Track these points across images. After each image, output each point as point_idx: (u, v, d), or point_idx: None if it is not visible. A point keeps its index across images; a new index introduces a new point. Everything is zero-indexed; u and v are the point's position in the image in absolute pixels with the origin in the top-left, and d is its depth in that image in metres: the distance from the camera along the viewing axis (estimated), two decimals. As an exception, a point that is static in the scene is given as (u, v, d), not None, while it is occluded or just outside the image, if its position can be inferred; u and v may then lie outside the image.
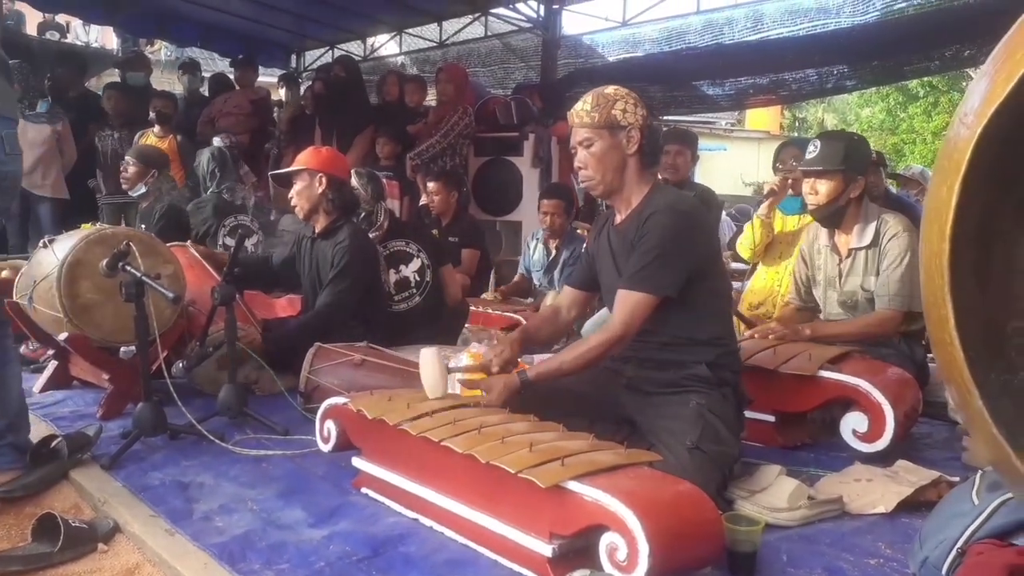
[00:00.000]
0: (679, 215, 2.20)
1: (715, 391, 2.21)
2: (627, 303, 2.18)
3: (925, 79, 14.26)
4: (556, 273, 4.84)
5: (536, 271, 5.04)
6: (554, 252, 4.88)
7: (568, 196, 4.93)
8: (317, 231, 3.51)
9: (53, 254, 2.85)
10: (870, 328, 2.91)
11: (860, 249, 2.97)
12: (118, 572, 1.87)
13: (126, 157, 4.68)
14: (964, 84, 14.29)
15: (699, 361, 2.23)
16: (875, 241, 2.93)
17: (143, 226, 4.38)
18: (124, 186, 4.69)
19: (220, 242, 4.87)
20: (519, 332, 2.50)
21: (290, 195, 3.51)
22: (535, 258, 5.05)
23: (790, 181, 3.68)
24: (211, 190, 5.22)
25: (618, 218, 2.38)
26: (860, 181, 2.94)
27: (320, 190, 3.41)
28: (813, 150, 2.98)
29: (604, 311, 2.72)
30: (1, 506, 2.17)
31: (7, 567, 1.83)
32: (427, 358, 2.21)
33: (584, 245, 2.65)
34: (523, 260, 5.26)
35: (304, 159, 3.50)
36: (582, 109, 2.27)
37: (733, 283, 4.04)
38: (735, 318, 3.18)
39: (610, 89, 2.30)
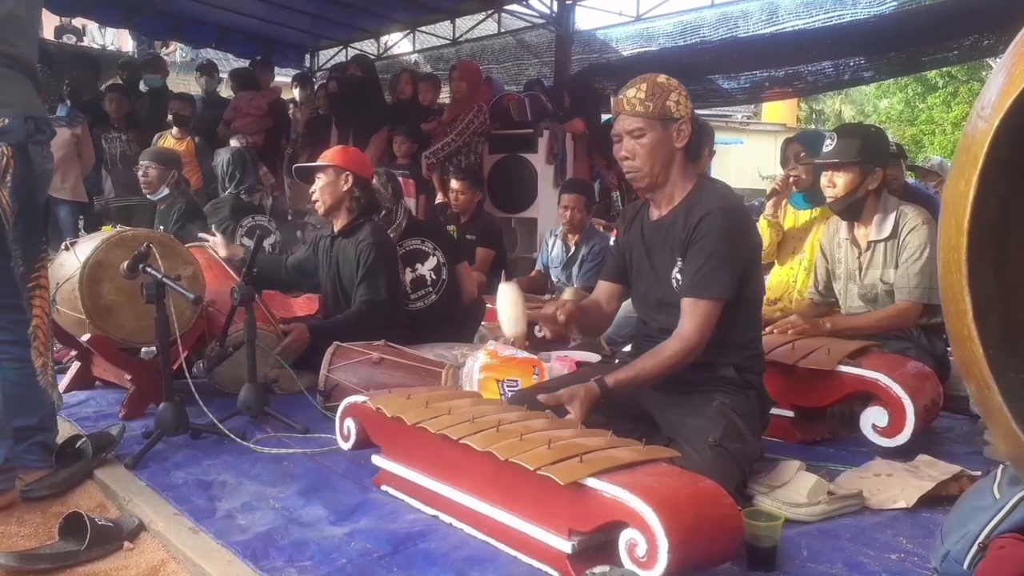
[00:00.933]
0: (734, 215, 2.18)
1: (739, 392, 2.20)
2: (697, 311, 2.13)
3: (944, 69, 14.09)
4: (575, 269, 4.84)
5: (554, 267, 5.04)
6: (573, 248, 4.88)
7: (588, 191, 4.94)
8: (337, 229, 3.54)
9: (75, 256, 2.89)
10: (889, 321, 2.89)
11: (879, 242, 2.96)
12: (144, 570, 1.89)
13: (142, 161, 4.68)
14: (984, 74, 14.13)
15: (727, 363, 2.21)
16: (894, 233, 2.92)
17: (161, 227, 4.42)
18: (145, 191, 4.67)
19: (238, 242, 4.91)
20: (578, 304, 2.38)
21: (312, 190, 3.52)
22: (553, 254, 5.05)
23: (792, 179, 3.67)
24: (229, 191, 5.26)
25: (655, 212, 2.34)
26: (878, 173, 2.93)
27: (345, 188, 3.45)
28: (830, 143, 2.99)
29: (621, 310, 2.69)
30: (28, 505, 2.21)
31: (36, 565, 1.87)
32: (507, 293, 2.08)
33: (612, 238, 2.62)
34: (541, 256, 5.26)
35: (331, 156, 3.53)
36: (635, 97, 2.18)
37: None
38: None
39: (662, 78, 2.22)
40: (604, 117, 7.39)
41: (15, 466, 2.20)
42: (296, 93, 7.76)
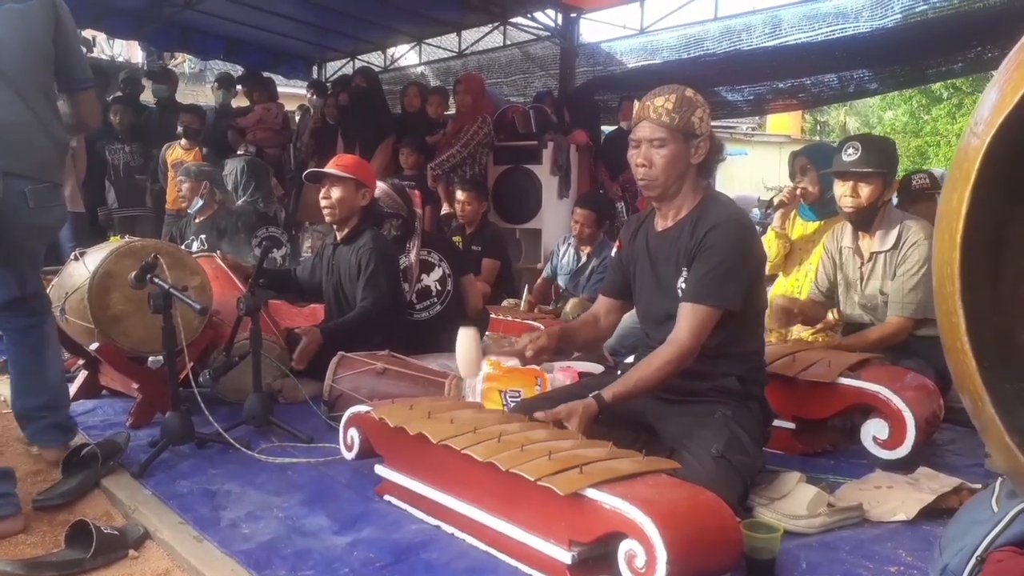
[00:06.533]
0: (742, 228, 2.19)
1: (742, 404, 2.22)
2: (695, 317, 2.14)
3: (948, 81, 14.09)
4: (583, 279, 4.84)
5: (563, 274, 5.04)
6: (584, 258, 4.89)
7: (601, 208, 4.91)
8: (340, 238, 3.58)
9: (84, 266, 2.92)
10: (883, 341, 2.93)
11: (881, 253, 2.99)
12: (148, 578, 1.91)
13: (178, 177, 5.03)
14: (988, 86, 14.08)
15: (730, 374, 2.23)
16: (896, 245, 2.95)
17: (203, 236, 4.53)
18: (183, 204, 5.07)
19: (252, 252, 4.95)
20: (559, 328, 2.45)
21: (327, 196, 3.52)
22: (564, 261, 5.05)
23: (800, 191, 3.68)
24: (244, 199, 5.30)
25: (661, 223, 2.35)
26: (894, 184, 2.98)
27: (363, 203, 3.54)
28: (854, 153, 2.94)
29: (625, 320, 2.70)
30: (35, 513, 2.23)
31: (42, 572, 1.88)
32: (465, 337, 2.15)
33: (614, 251, 2.64)
34: (551, 262, 5.26)
35: (353, 169, 3.56)
36: (662, 107, 2.19)
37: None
38: None
39: (690, 92, 2.24)
40: (606, 129, 7.43)
41: (15, 493, 2.20)
42: (307, 98, 7.82)
